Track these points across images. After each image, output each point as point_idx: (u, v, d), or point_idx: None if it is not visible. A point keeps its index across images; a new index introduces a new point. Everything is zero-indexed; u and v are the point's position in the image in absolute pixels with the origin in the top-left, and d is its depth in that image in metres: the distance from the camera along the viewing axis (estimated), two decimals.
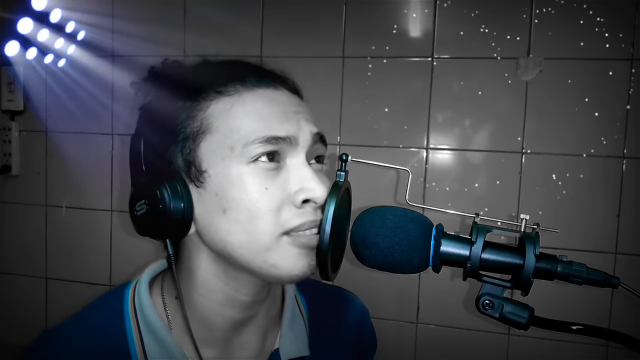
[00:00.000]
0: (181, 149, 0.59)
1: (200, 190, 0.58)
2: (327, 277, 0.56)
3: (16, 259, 1.75)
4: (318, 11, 1.48)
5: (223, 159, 0.57)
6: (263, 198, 0.57)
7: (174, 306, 0.64)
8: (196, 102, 0.59)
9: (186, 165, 0.59)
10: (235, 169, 0.57)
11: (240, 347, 0.66)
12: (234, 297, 0.63)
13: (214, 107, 0.59)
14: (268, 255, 0.57)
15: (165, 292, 0.66)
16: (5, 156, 1.71)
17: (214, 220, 0.58)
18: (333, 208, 0.53)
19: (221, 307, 0.63)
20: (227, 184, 0.57)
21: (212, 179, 0.58)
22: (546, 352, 1.37)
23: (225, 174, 0.57)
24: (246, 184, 0.57)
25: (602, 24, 1.31)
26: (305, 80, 1.52)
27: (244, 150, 0.57)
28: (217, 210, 0.58)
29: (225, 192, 0.57)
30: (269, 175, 0.58)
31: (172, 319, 0.64)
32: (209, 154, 0.58)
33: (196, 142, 0.58)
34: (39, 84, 1.66)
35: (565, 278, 0.52)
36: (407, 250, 0.53)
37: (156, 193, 0.57)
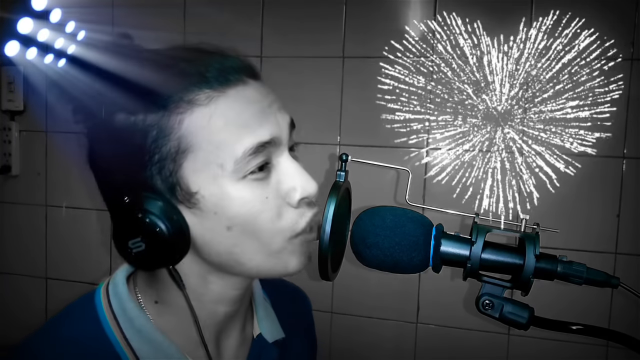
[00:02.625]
0: (159, 171, 0.54)
1: (194, 211, 0.55)
2: (327, 277, 0.56)
3: (16, 259, 1.75)
4: (318, 11, 1.48)
5: (214, 178, 0.54)
6: (265, 208, 0.56)
7: (156, 310, 0.61)
8: (165, 117, 0.53)
9: (169, 188, 0.54)
10: (231, 186, 0.54)
11: (226, 338, 0.66)
12: (225, 293, 0.62)
13: (189, 122, 0.53)
14: (280, 256, 0.57)
15: (142, 296, 0.62)
16: (5, 156, 1.71)
17: (217, 237, 0.56)
18: (333, 208, 0.53)
19: (214, 305, 0.62)
20: (226, 203, 0.54)
21: (207, 200, 0.54)
22: (546, 352, 1.37)
23: (221, 193, 0.54)
24: (247, 199, 0.55)
25: (601, 24, 1.31)
26: (305, 80, 1.53)
27: (236, 167, 0.54)
28: (219, 228, 0.55)
29: (225, 210, 0.55)
30: (264, 183, 0.56)
31: (155, 322, 0.61)
32: (196, 174, 0.54)
33: (177, 163, 0.54)
34: (39, 84, 1.66)
35: (565, 278, 0.52)
36: (407, 250, 0.53)
37: (152, 224, 0.52)
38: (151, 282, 0.62)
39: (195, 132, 0.53)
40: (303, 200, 0.58)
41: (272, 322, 0.72)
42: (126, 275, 0.64)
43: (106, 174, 0.57)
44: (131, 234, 0.54)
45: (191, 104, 0.53)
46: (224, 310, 0.63)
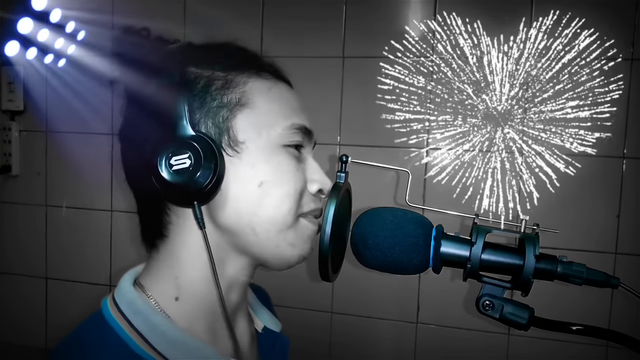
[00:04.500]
0: (214, 115, 0.58)
1: (233, 159, 0.58)
2: (327, 278, 0.56)
3: (16, 259, 1.75)
4: (318, 11, 1.48)
5: (262, 135, 0.59)
6: (295, 179, 0.60)
7: (176, 307, 0.59)
8: (233, 74, 0.60)
9: (218, 132, 0.58)
10: (274, 147, 0.60)
11: (239, 335, 0.67)
12: (237, 277, 0.63)
13: (252, 84, 0.61)
14: (288, 232, 0.60)
15: (158, 297, 0.60)
16: (5, 156, 1.71)
17: (248, 190, 0.58)
18: (333, 209, 0.53)
19: (227, 291, 0.62)
20: (265, 160, 0.59)
21: (250, 151, 0.59)
22: (546, 353, 1.37)
23: (264, 150, 0.59)
24: (282, 164, 0.60)
25: (602, 24, 1.31)
26: (305, 80, 1.53)
27: (284, 132, 0.60)
28: (252, 181, 0.58)
29: (263, 166, 0.59)
30: (296, 161, 0.62)
31: (181, 322, 0.59)
32: (247, 127, 0.59)
33: (233, 112, 0.59)
34: (39, 84, 1.66)
35: (565, 278, 0.52)
36: (407, 251, 0.53)
37: (198, 148, 0.55)
38: (164, 273, 0.61)
39: (257, 93, 0.61)
40: (319, 192, 0.64)
41: (269, 315, 0.75)
42: (132, 283, 0.61)
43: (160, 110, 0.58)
44: (179, 150, 0.55)
45: (257, 74, 0.62)
46: (234, 299, 0.64)
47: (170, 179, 0.54)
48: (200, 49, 0.64)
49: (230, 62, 0.61)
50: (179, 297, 0.60)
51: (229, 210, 0.58)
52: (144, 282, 0.62)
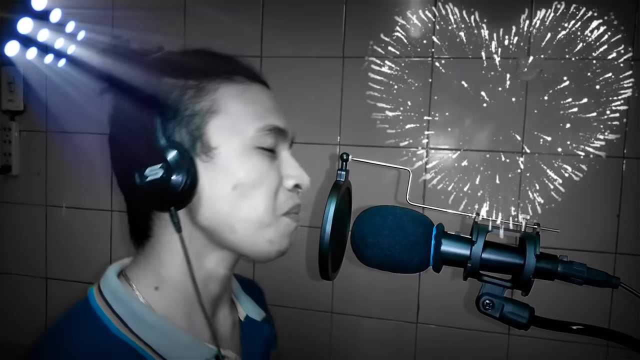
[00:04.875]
0: (187, 124, 0.61)
1: (207, 164, 0.61)
2: (327, 277, 0.56)
3: (16, 259, 1.75)
4: (318, 11, 1.48)
5: (233, 140, 0.61)
6: (267, 180, 0.63)
7: (156, 297, 0.64)
8: (204, 83, 0.62)
9: (191, 140, 0.61)
10: (247, 150, 0.62)
11: (220, 322, 0.71)
12: (216, 271, 0.67)
13: (224, 90, 0.63)
14: (267, 230, 0.63)
15: (140, 287, 0.64)
16: (5, 156, 1.71)
17: (222, 193, 0.61)
18: (334, 207, 0.53)
19: (206, 283, 0.66)
20: (239, 163, 0.61)
21: (222, 156, 0.61)
22: (546, 352, 1.37)
23: (237, 153, 0.61)
24: (255, 166, 0.62)
25: (601, 24, 1.31)
26: (305, 80, 1.53)
27: (256, 134, 0.62)
28: (226, 185, 0.61)
29: (236, 170, 0.61)
30: (269, 161, 0.64)
31: (159, 309, 0.63)
32: (219, 133, 0.61)
33: (205, 120, 0.61)
34: (39, 84, 1.66)
35: (566, 278, 0.52)
36: (408, 250, 0.53)
37: (172, 159, 0.58)
38: (147, 268, 0.65)
39: (228, 98, 0.63)
40: (296, 187, 0.66)
41: (253, 305, 0.78)
42: (116, 274, 0.66)
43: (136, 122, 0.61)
44: (151, 162, 0.59)
45: (228, 79, 0.64)
46: (215, 290, 0.68)
47: (145, 188, 0.59)
48: (176, 59, 0.67)
49: (203, 70, 0.64)
50: (158, 287, 0.64)
51: (206, 212, 0.62)
52: (129, 273, 0.66)
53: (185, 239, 0.62)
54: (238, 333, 0.73)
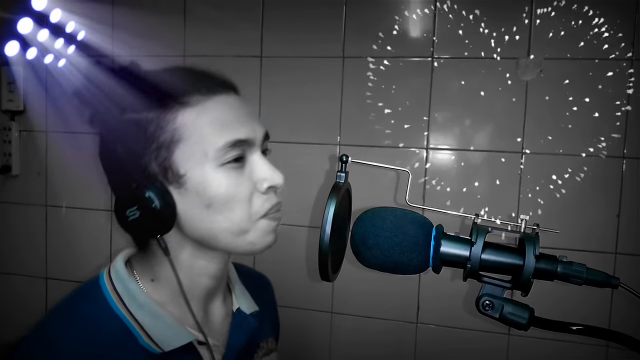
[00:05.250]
0: (155, 157, 0.66)
1: (180, 190, 0.67)
2: (327, 278, 0.56)
3: (16, 259, 1.75)
4: (318, 11, 1.48)
5: (199, 163, 0.66)
6: (238, 191, 0.67)
7: (152, 287, 0.72)
8: (163, 114, 0.66)
9: (162, 171, 0.66)
10: (211, 171, 0.66)
11: (213, 312, 0.78)
12: (208, 266, 0.73)
13: (181, 118, 0.66)
14: (247, 235, 0.68)
15: (140, 276, 0.73)
16: (5, 156, 1.71)
17: (198, 214, 0.67)
18: (333, 209, 0.53)
19: (198, 278, 0.73)
20: (207, 184, 0.66)
21: (191, 181, 0.66)
22: (546, 353, 1.37)
23: (203, 176, 0.66)
24: (222, 183, 0.66)
25: (602, 24, 1.31)
26: (305, 80, 1.53)
27: (217, 154, 0.65)
28: (200, 206, 0.67)
29: (206, 191, 0.66)
30: (238, 172, 0.68)
31: (153, 297, 0.72)
32: (185, 160, 0.66)
33: (170, 150, 0.66)
34: (39, 84, 1.66)
35: (565, 278, 0.52)
36: (407, 251, 0.53)
37: (146, 198, 0.65)
38: (146, 263, 0.73)
39: (186, 125, 0.66)
40: (271, 188, 0.69)
41: (247, 298, 0.84)
42: (124, 260, 0.74)
43: (114, 160, 0.69)
44: (129, 204, 0.66)
45: (183, 104, 0.66)
46: (208, 283, 0.74)
47: (130, 225, 0.66)
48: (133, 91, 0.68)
49: (158, 102, 0.66)
50: (154, 280, 0.73)
51: (188, 227, 0.69)
52: (133, 261, 0.75)
53: (177, 245, 0.70)
54: (229, 323, 0.79)
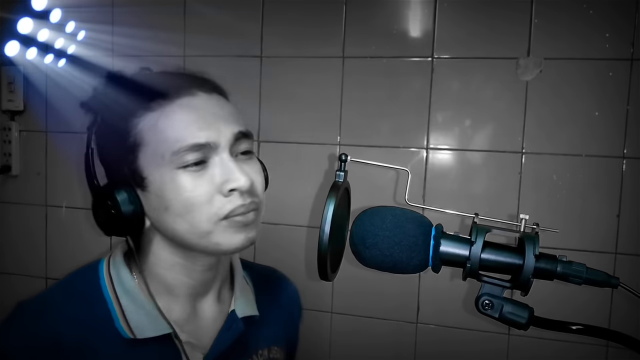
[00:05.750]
0: (124, 160, 0.69)
1: (145, 193, 0.70)
2: (326, 278, 0.56)
3: (16, 259, 1.75)
4: (318, 11, 1.48)
5: (158, 166, 0.67)
6: (195, 195, 0.67)
7: (141, 278, 0.75)
8: (129, 121, 0.69)
9: (131, 174, 0.69)
10: (169, 173, 0.67)
11: (202, 310, 0.79)
12: (191, 268, 0.75)
13: (143, 124, 0.68)
14: (210, 237, 0.69)
15: (133, 267, 0.77)
16: (5, 156, 1.71)
17: (160, 216, 0.70)
18: (332, 208, 0.53)
19: (181, 277, 0.75)
20: (164, 187, 0.68)
21: (152, 184, 0.68)
22: (546, 352, 1.37)
23: (161, 178, 0.68)
24: (179, 186, 0.67)
25: (602, 24, 1.31)
26: (305, 80, 1.53)
27: (173, 157, 0.67)
28: (160, 208, 0.69)
29: (163, 193, 0.68)
30: (197, 175, 0.68)
31: (141, 287, 0.75)
32: (146, 163, 0.68)
33: (135, 154, 0.69)
34: (39, 84, 1.66)
35: (565, 278, 0.52)
36: (407, 251, 0.53)
37: (114, 200, 0.68)
38: (138, 256, 0.77)
39: (146, 130, 0.68)
40: (234, 191, 0.69)
41: (246, 301, 0.83)
42: (123, 251, 0.79)
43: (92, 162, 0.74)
44: (100, 205, 0.70)
45: (145, 109, 0.69)
46: (191, 283, 0.76)
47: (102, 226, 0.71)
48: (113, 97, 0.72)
49: (123, 107, 0.70)
50: (142, 271, 0.76)
51: (160, 229, 0.72)
52: (129, 253, 0.78)
53: (156, 242, 0.74)
54: (221, 324, 0.79)
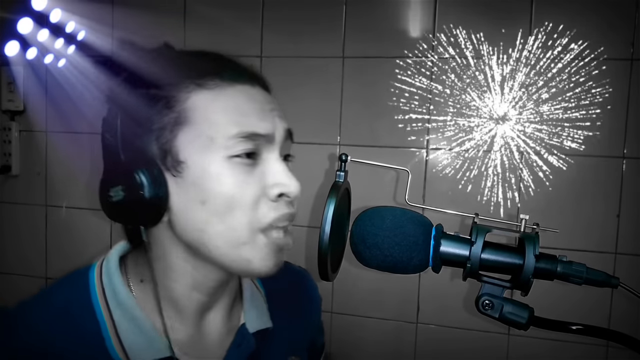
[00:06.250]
0: (156, 138, 0.59)
1: (177, 179, 0.59)
2: (326, 278, 0.56)
3: (16, 259, 1.75)
4: (318, 11, 1.48)
5: (202, 150, 0.58)
6: (242, 192, 0.58)
7: (140, 288, 0.65)
8: (174, 93, 0.59)
9: (162, 154, 0.59)
10: (215, 162, 0.58)
11: (208, 326, 0.69)
12: (202, 282, 0.65)
13: (193, 99, 0.59)
14: (243, 248, 0.59)
15: (130, 275, 0.67)
16: (5, 156, 1.71)
17: (191, 209, 0.59)
18: (333, 208, 0.53)
19: (190, 291, 0.65)
20: (207, 176, 0.58)
21: (190, 170, 0.58)
22: (546, 352, 1.37)
23: (205, 166, 0.58)
24: (226, 178, 0.58)
25: (602, 24, 1.31)
26: (305, 80, 1.53)
27: (226, 143, 0.58)
28: (195, 200, 0.58)
29: (204, 183, 0.58)
30: (247, 170, 0.59)
31: (139, 299, 0.65)
32: (187, 145, 0.58)
33: (173, 133, 0.58)
34: (39, 84, 1.66)
35: (565, 278, 0.52)
36: (407, 251, 0.53)
37: (134, 179, 0.57)
38: (138, 261, 0.67)
39: (197, 108, 0.59)
40: (282, 197, 0.61)
41: (257, 313, 0.73)
42: (119, 254, 0.68)
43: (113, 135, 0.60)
44: (114, 183, 0.59)
45: (200, 86, 0.59)
46: (199, 298, 0.66)
47: (113, 207, 0.59)
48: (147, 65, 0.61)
49: (173, 79, 0.60)
50: (143, 280, 0.66)
51: (180, 227, 0.61)
52: (128, 257, 0.69)
53: (167, 244, 0.63)
54: (230, 340, 0.70)
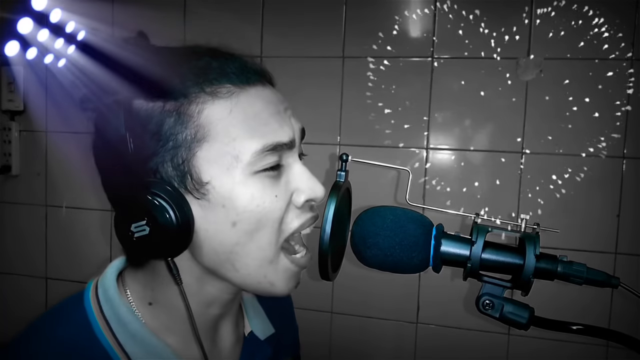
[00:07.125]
0: (171, 158, 0.53)
1: (201, 202, 0.54)
2: (327, 277, 0.56)
3: (16, 259, 1.75)
4: (318, 11, 1.48)
5: (228, 169, 0.53)
6: (275, 207, 0.55)
7: (149, 312, 0.60)
8: (185, 105, 0.53)
9: (180, 176, 0.53)
10: (243, 179, 0.54)
11: (221, 339, 0.67)
12: (218, 296, 0.62)
13: (208, 112, 0.53)
14: (269, 269, 0.57)
15: (133, 297, 0.60)
16: (5, 156, 1.71)
17: (221, 232, 0.54)
18: (333, 208, 0.53)
19: (206, 308, 0.62)
20: (236, 196, 0.53)
21: (217, 191, 0.53)
22: (546, 352, 1.37)
23: (233, 185, 0.53)
24: (257, 194, 0.54)
25: (602, 24, 1.31)
26: (305, 80, 1.53)
27: (252, 159, 0.53)
28: (224, 222, 0.54)
29: (234, 203, 0.54)
30: (273, 182, 0.56)
31: (148, 324, 0.59)
32: (210, 164, 0.53)
33: (192, 151, 0.53)
34: (39, 84, 1.66)
35: (566, 278, 0.52)
36: (408, 250, 0.53)
37: (156, 209, 0.51)
38: (145, 282, 0.60)
39: (215, 122, 0.53)
40: (307, 202, 0.59)
41: (262, 320, 0.72)
42: (116, 275, 0.62)
43: (114, 158, 0.53)
44: (136, 217, 0.52)
45: (213, 95, 0.53)
46: (215, 313, 0.63)
47: (135, 243, 0.52)
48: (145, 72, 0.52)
49: (181, 88, 0.53)
50: (152, 303, 0.61)
51: (206, 251, 0.56)
52: (126, 276, 0.63)
53: (184, 267, 0.57)
54: (240, 349, 0.68)
